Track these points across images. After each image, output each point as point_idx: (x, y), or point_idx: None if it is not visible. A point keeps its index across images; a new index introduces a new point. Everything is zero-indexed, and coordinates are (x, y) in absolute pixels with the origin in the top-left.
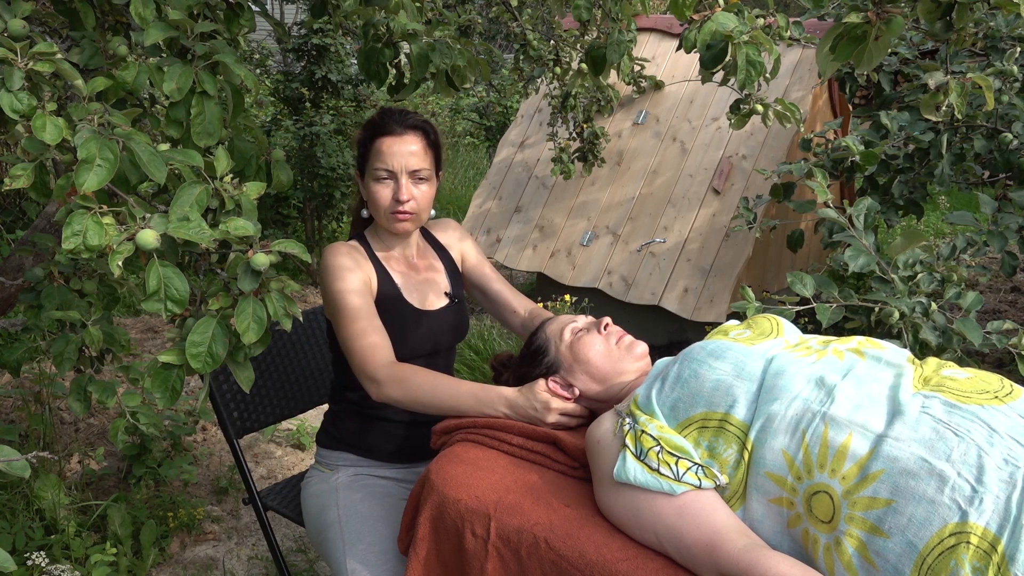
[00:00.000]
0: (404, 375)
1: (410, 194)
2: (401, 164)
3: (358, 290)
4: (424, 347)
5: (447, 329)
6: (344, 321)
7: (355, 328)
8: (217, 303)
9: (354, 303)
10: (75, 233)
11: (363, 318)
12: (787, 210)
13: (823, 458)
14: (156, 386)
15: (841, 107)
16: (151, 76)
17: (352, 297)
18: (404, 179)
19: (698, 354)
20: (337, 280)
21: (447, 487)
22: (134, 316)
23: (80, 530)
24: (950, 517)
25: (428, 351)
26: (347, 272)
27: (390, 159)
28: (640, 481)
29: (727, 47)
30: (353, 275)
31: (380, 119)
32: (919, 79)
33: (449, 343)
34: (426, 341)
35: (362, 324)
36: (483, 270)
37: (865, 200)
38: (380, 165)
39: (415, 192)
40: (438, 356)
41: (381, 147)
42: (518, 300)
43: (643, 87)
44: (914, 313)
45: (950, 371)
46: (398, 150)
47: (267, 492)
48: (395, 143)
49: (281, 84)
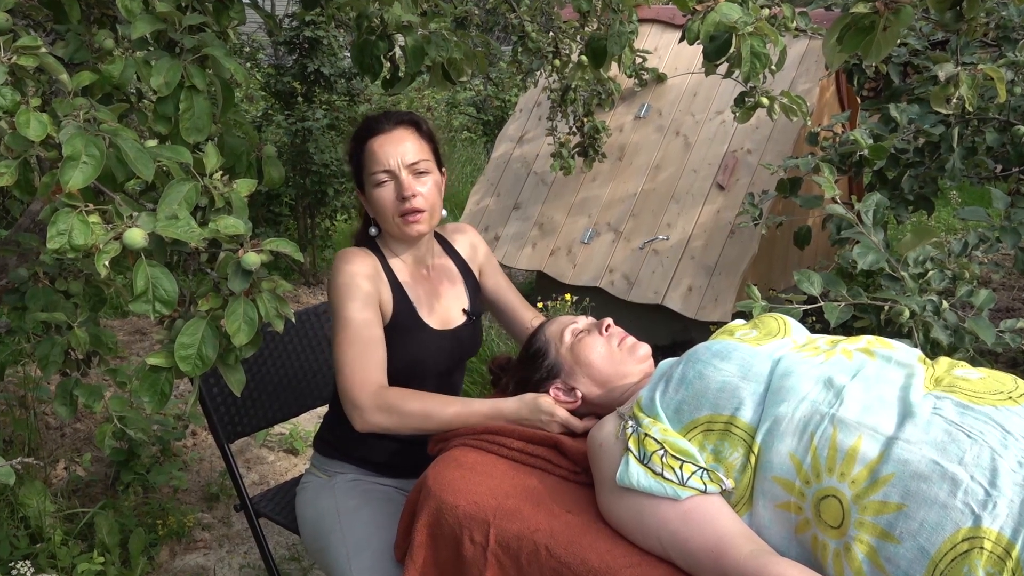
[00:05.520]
0: (391, 402)
1: (413, 189)
2: (397, 159)
3: (365, 308)
4: (439, 367)
5: (463, 347)
6: (341, 338)
7: (350, 349)
8: (207, 304)
9: (356, 321)
10: (60, 232)
11: (359, 335)
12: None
13: (832, 461)
14: (144, 390)
15: (849, 100)
16: (138, 70)
17: (356, 314)
18: (404, 174)
19: (703, 355)
20: (346, 293)
21: (445, 492)
22: (121, 318)
23: (66, 539)
24: (963, 522)
25: (443, 371)
26: (357, 288)
27: (384, 157)
28: (643, 486)
29: (731, 38)
30: (363, 291)
31: (365, 124)
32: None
33: (464, 359)
34: (441, 362)
35: (357, 342)
36: (499, 281)
37: (874, 195)
38: (376, 167)
39: (418, 187)
40: (453, 375)
41: (373, 148)
42: (528, 312)
43: (645, 80)
44: (925, 312)
45: (962, 371)
46: (391, 146)
47: (259, 498)
48: (386, 141)
49: (272, 78)
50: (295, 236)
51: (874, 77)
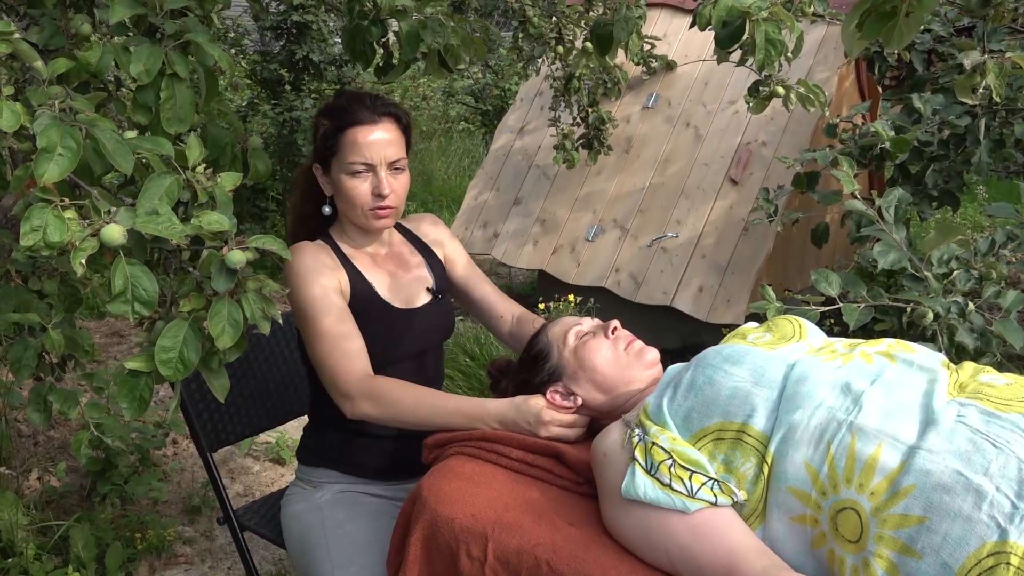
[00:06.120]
0: (381, 390)
1: (391, 187)
2: (380, 156)
3: (328, 295)
4: (410, 349)
5: (433, 327)
6: (313, 330)
7: (326, 339)
8: (189, 304)
9: (324, 310)
10: (34, 228)
11: (334, 327)
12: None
13: (850, 472)
14: (123, 395)
15: (870, 89)
16: (117, 57)
17: (322, 304)
18: (384, 172)
19: (713, 359)
20: (304, 285)
21: (440, 505)
22: (98, 319)
23: (40, 553)
24: (988, 536)
25: (415, 352)
26: (315, 275)
27: (367, 151)
28: (651, 498)
29: (744, 24)
30: (322, 278)
31: (348, 106)
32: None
33: (436, 342)
34: (411, 342)
35: (333, 334)
36: (470, 271)
37: (896, 191)
38: (356, 158)
39: (395, 184)
40: (425, 357)
41: (356, 138)
42: (504, 304)
43: (653, 68)
44: (949, 314)
45: (988, 377)
46: (375, 141)
47: (244, 511)
48: (370, 133)
49: (258, 65)
50: (282, 233)
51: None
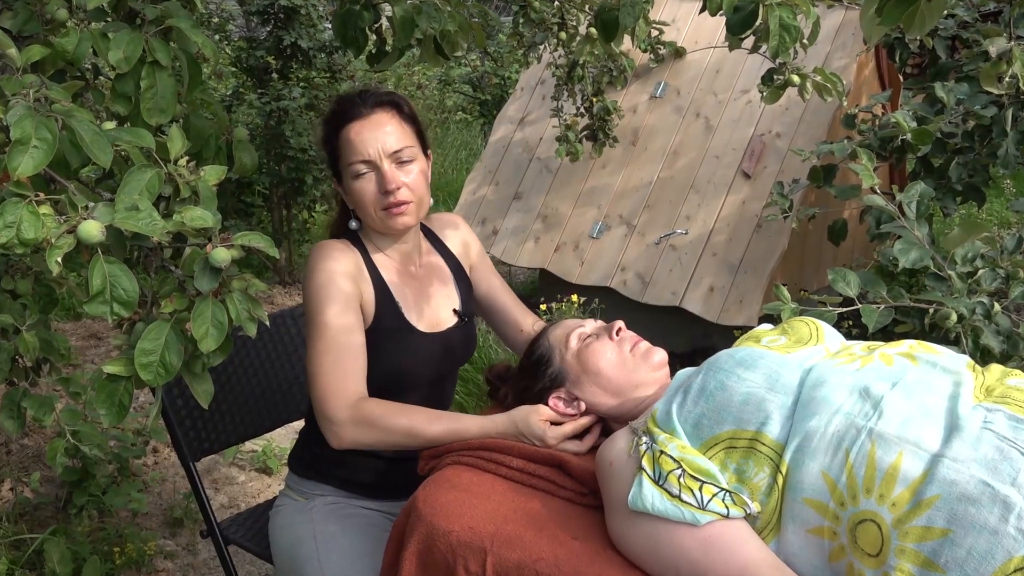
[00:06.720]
0: (371, 416)
1: (397, 180)
2: (377, 148)
3: (345, 311)
4: (429, 375)
5: (455, 351)
6: (317, 344)
7: (326, 356)
8: (171, 305)
9: (334, 326)
10: (7, 225)
11: (338, 345)
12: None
13: (870, 481)
14: (100, 401)
15: (890, 78)
16: (95, 44)
17: (334, 319)
18: (386, 164)
19: (725, 363)
20: (325, 294)
21: (436, 517)
22: (75, 320)
23: (13, 567)
24: (1016, 550)
25: (433, 379)
26: (337, 288)
27: (363, 146)
28: (659, 509)
29: (757, 9)
30: (344, 291)
31: (339, 106)
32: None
33: (456, 367)
34: (431, 369)
35: (335, 353)
36: (493, 283)
37: (918, 185)
38: (354, 157)
39: (403, 177)
40: (444, 384)
41: (350, 135)
42: (523, 315)
43: (662, 55)
44: (974, 315)
45: (1016, 380)
46: (369, 133)
47: (228, 523)
48: (364, 127)
49: (244, 52)
50: (269, 229)
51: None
